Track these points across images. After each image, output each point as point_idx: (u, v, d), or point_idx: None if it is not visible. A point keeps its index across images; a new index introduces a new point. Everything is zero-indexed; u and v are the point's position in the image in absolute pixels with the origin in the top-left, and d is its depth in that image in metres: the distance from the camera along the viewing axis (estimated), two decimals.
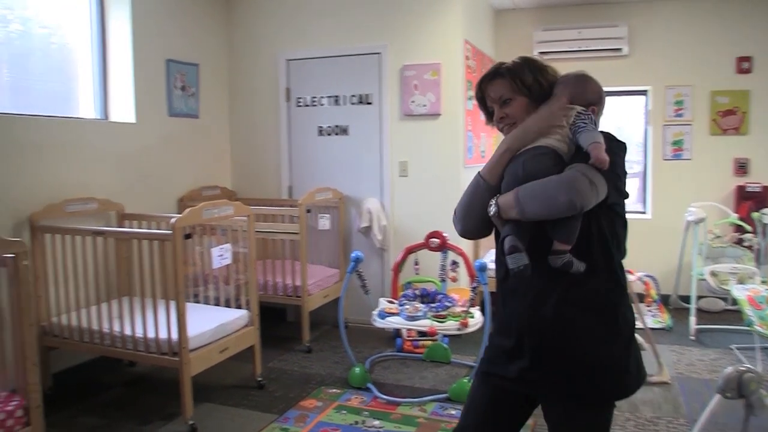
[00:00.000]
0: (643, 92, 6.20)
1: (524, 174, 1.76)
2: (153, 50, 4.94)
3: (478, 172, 1.89)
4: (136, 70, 4.77)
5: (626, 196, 1.83)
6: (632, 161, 6.46)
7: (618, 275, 1.82)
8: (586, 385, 1.78)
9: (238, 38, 5.82)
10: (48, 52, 4.42)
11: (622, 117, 6.52)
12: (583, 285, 1.77)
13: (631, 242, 1.96)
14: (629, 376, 1.80)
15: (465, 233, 1.97)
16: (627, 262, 1.91)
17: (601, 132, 1.81)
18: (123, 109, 4.78)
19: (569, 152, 1.79)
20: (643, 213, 6.30)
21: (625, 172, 1.82)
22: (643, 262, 5.79)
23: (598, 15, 6.09)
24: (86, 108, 4.70)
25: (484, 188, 1.85)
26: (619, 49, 6.00)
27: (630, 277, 4.42)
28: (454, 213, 1.97)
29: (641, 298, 5.32)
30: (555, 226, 1.74)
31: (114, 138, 4.61)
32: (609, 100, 1.94)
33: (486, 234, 1.93)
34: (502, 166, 1.84)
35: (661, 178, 6.13)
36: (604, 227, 1.78)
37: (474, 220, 1.89)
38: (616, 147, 1.79)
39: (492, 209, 1.79)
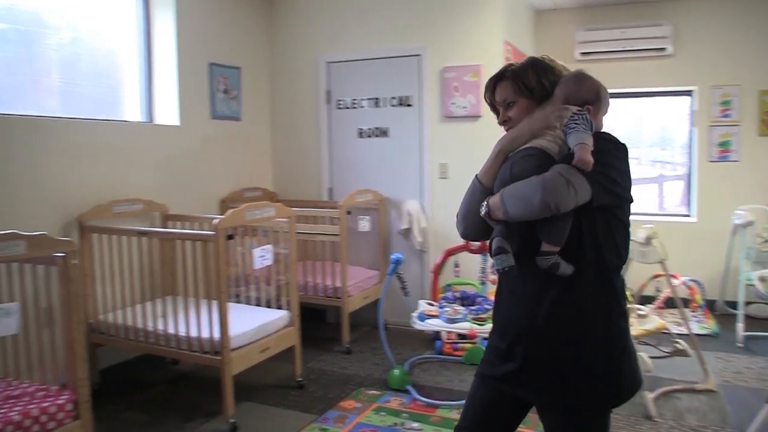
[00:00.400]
0: (688, 93, 6.07)
1: (511, 175, 1.78)
2: (196, 54, 5.03)
3: (476, 175, 1.91)
4: (180, 74, 4.87)
5: (627, 199, 1.80)
6: (676, 163, 6.34)
7: (612, 280, 1.79)
8: (579, 391, 1.77)
9: (279, 41, 5.88)
10: (95, 57, 4.53)
11: (665, 118, 6.40)
12: (575, 288, 1.75)
13: (676, 246, 1.94)
14: (623, 383, 1.79)
15: (466, 235, 2.00)
16: (671, 266, 1.89)
17: (601, 133, 1.81)
18: (167, 112, 4.88)
19: (560, 153, 1.77)
20: (688, 216, 6.16)
21: (626, 175, 1.78)
22: (688, 266, 5.66)
23: (641, 14, 5.98)
24: (132, 111, 4.81)
25: (480, 190, 1.88)
26: (663, 49, 5.88)
27: (674, 282, 4.34)
28: (457, 215, 1.99)
29: (686, 303, 5.21)
30: (543, 227, 1.73)
31: (158, 140, 4.70)
32: (652, 101, 1.91)
33: (488, 236, 1.91)
34: (496, 168, 1.86)
35: (707, 180, 5.99)
36: (598, 231, 1.75)
37: (473, 221, 1.91)
38: (614, 149, 1.77)
39: (483, 210, 1.81)
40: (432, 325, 3.98)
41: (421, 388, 4.07)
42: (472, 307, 4.03)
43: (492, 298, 4.23)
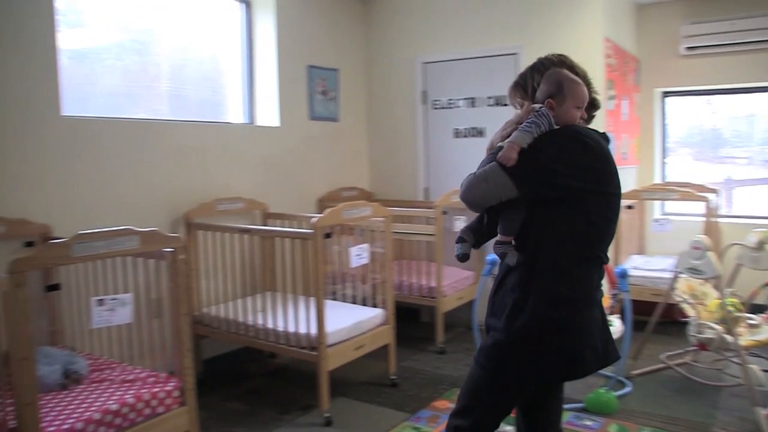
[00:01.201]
0: None
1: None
2: (296, 57, 5.17)
3: None
4: (280, 77, 5.02)
5: (588, 191, 1.84)
6: None
7: (555, 269, 1.87)
8: (484, 354, 2.01)
9: (375, 43, 5.95)
10: (201, 62, 4.75)
11: None
12: (515, 273, 1.94)
13: None
14: (515, 370, 1.95)
15: None
16: None
17: (564, 128, 1.89)
18: (268, 113, 5.04)
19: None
20: None
21: (582, 167, 1.84)
22: None
23: (753, 4, 5.62)
24: (234, 113, 5.00)
25: None
26: None
27: None
28: None
29: None
30: (498, 219, 1.97)
31: (259, 141, 4.87)
32: (765, 97, 1.83)
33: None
34: None
35: None
36: (546, 222, 1.88)
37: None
38: (566, 143, 1.86)
39: None
40: None
41: None
42: None
43: None
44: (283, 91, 5.05)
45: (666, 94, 6.27)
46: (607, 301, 4.04)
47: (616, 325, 3.80)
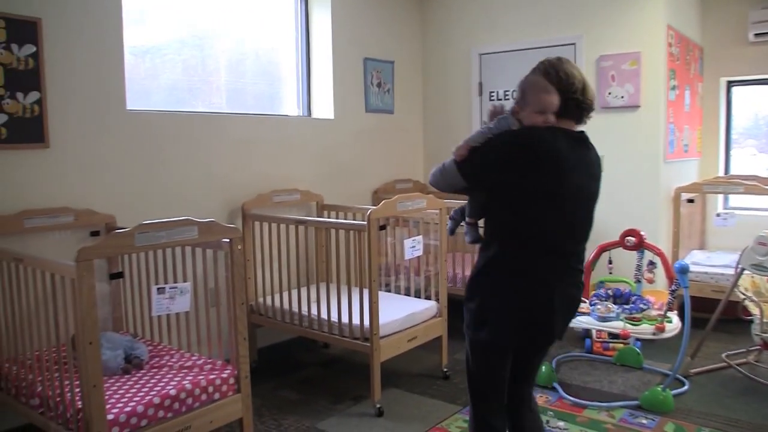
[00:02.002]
0: None
1: None
2: (351, 50, 5.20)
3: None
4: (336, 70, 5.06)
5: (509, 183, 2.05)
6: None
7: (492, 247, 2.19)
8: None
9: (431, 35, 5.93)
10: (258, 56, 4.83)
11: None
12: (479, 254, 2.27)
13: None
14: (470, 332, 2.25)
15: None
16: None
17: (520, 129, 2.07)
18: (324, 106, 5.09)
19: None
20: None
21: (510, 164, 2.03)
22: None
23: None
24: (291, 106, 5.07)
25: None
26: None
27: None
28: None
29: None
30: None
31: (315, 133, 4.92)
32: None
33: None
34: None
35: None
36: (490, 207, 2.20)
37: None
38: (505, 144, 2.07)
39: None
40: (582, 322, 3.86)
41: (568, 386, 3.97)
42: (626, 306, 3.88)
43: (648, 297, 4.05)
44: (339, 83, 5.09)
45: (731, 83, 6.06)
46: (664, 297, 3.94)
47: (674, 322, 3.71)
